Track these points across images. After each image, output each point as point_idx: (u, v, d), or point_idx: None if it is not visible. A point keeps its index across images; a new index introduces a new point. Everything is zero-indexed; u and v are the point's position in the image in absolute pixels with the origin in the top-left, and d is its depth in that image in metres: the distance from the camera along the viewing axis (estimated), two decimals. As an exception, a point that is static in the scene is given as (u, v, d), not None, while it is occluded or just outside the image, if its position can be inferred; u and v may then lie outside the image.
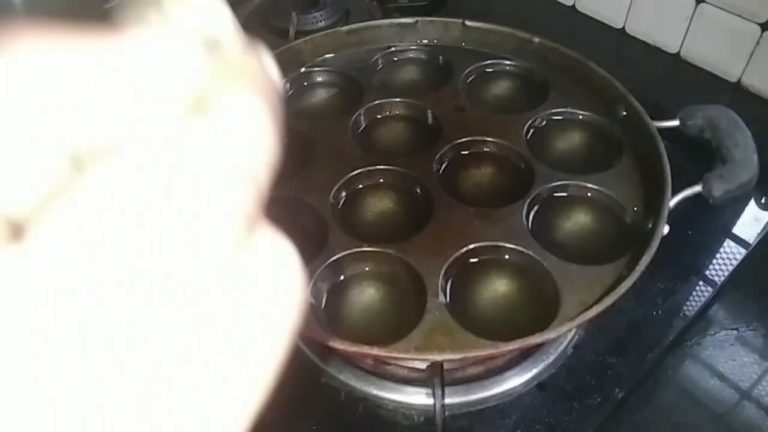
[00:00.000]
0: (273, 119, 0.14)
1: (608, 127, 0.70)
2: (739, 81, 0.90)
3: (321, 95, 0.79)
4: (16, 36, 0.12)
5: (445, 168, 0.68)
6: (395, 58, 0.82)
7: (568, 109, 0.72)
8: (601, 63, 0.73)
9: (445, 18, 0.82)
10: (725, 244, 0.72)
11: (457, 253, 0.58)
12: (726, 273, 0.69)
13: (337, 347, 0.50)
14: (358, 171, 0.66)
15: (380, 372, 0.60)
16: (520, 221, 0.61)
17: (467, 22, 0.80)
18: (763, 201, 0.77)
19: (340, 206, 0.64)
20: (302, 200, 0.62)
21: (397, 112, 0.75)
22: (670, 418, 0.59)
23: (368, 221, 0.64)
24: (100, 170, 0.12)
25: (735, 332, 0.64)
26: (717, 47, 0.90)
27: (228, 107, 0.13)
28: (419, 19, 0.82)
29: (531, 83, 0.78)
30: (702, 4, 0.88)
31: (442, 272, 0.56)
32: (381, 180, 0.66)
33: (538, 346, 0.60)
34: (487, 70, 0.79)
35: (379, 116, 0.74)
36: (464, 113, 0.73)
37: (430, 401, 0.54)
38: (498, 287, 0.58)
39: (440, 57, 0.81)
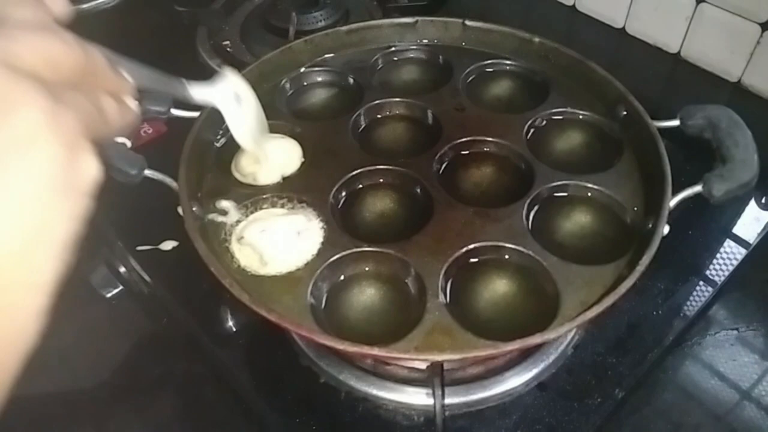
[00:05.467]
0: None
1: (608, 127, 0.70)
2: (739, 81, 0.90)
3: (321, 95, 0.79)
4: None
5: (445, 168, 0.68)
6: (395, 58, 0.82)
7: (569, 109, 0.72)
8: (601, 63, 0.73)
9: (445, 18, 0.82)
10: (725, 244, 0.72)
11: (458, 253, 0.58)
12: (726, 273, 0.69)
13: (337, 347, 0.50)
14: (358, 171, 0.66)
15: (380, 372, 0.60)
16: (521, 221, 0.61)
17: (467, 22, 0.80)
18: (763, 201, 0.77)
19: (340, 206, 0.64)
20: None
21: (397, 111, 0.75)
22: (670, 419, 0.59)
23: (368, 221, 0.64)
24: None
25: (735, 332, 0.64)
26: (717, 47, 0.90)
27: None
28: (419, 18, 0.82)
29: (531, 83, 0.77)
30: (702, 4, 0.88)
31: (442, 272, 0.56)
32: (381, 180, 0.66)
33: (539, 347, 0.60)
34: (487, 69, 0.79)
35: (379, 116, 0.74)
36: (464, 113, 0.73)
37: (430, 401, 0.54)
38: (498, 287, 0.58)
39: (440, 57, 0.81)
